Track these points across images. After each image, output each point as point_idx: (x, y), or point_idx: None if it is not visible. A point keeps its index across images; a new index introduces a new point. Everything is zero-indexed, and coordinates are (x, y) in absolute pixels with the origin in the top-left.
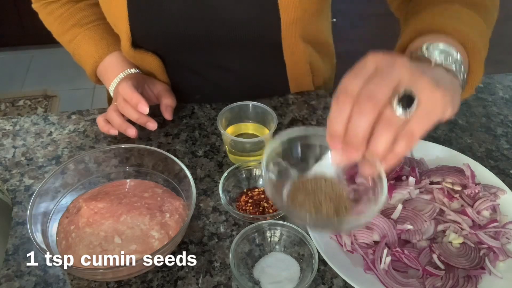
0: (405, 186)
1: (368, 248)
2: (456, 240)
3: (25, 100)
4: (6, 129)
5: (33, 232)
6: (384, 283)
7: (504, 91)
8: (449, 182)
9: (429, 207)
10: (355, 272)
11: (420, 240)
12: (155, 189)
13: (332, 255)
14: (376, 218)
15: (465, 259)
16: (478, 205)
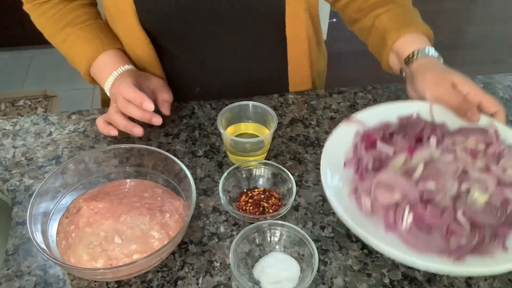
0: (426, 146)
1: (390, 209)
2: (481, 198)
3: (25, 100)
4: (6, 129)
5: (33, 232)
6: (406, 241)
7: (504, 91)
8: (472, 141)
9: (452, 166)
10: (376, 234)
11: (443, 199)
12: (155, 189)
13: (352, 218)
14: (396, 177)
15: (491, 217)
16: (504, 162)
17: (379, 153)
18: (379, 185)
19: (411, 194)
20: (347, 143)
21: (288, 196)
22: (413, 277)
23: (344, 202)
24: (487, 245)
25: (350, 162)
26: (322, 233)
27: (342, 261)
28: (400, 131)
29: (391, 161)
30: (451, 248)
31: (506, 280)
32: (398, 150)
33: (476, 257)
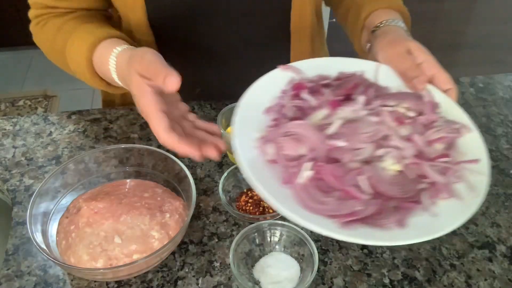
0: (352, 104)
1: (292, 161)
2: (392, 166)
3: (25, 100)
4: (6, 129)
5: (33, 232)
6: (298, 197)
7: (504, 91)
8: (404, 106)
9: (373, 128)
10: (272, 186)
11: (351, 161)
12: (155, 189)
13: (253, 165)
14: (307, 130)
15: (398, 189)
16: (431, 134)
17: (302, 103)
18: (287, 134)
19: (318, 149)
20: (276, 89)
21: None
22: (413, 277)
23: (248, 147)
24: (382, 218)
25: (271, 109)
26: None
27: (342, 261)
28: (334, 86)
29: (313, 114)
30: (342, 212)
31: (506, 280)
32: (322, 102)
33: (368, 228)
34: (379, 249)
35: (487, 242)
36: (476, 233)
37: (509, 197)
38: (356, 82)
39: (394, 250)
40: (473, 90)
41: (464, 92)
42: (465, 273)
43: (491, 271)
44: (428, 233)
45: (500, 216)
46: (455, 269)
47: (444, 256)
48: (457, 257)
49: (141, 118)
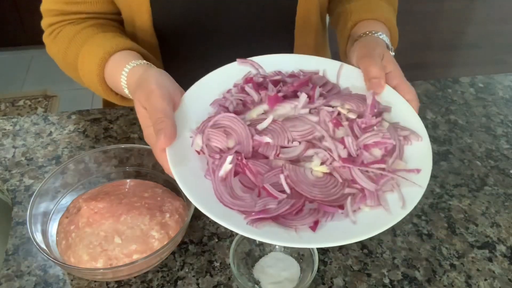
0: (292, 101)
1: (218, 153)
2: (318, 168)
3: (25, 100)
4: (6, 129)
5: (33, 232)
6: (216, 190)
7: (504, 91)
8: (346, 108)
9: (307, 127)
10: (193, 175)
11: (277, 158)
12: (155, 189)
13: (180, 157)
14: (235, 122)
15: (320, 191)
16: (365, 138)
17: (244, 96)
18: (216, 126)
19: (245, 143)
20: (228, 83)
21: None
22: (413, 277)
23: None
24: (296, 218)
25: (216, 102)
26: None
27: (342, 261)
28: (285, 82)
29: (251, 109)
30: (255, 209)
31: (506, 280)
32: (264, 98)
33: (276, 227)
34: (379, 249)
35: (487, 242)
36: (476, 233)
37: (509, 197)
38: (305, 80)
39: (394, 250)
40: (473, 90)
41: (464, 92)
42: (465, 273)
43: (491, 271)
44: (337, 239)
45: (500, 216)
46: (455, 269)
47: (444, 256)
48: (457, 257)
49: None
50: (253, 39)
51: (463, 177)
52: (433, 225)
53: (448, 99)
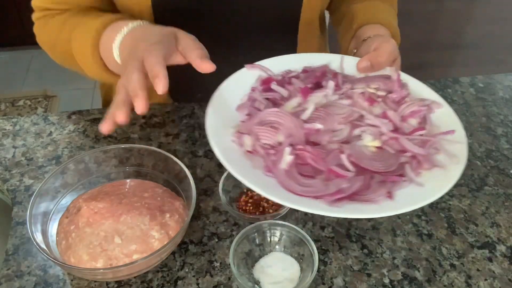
0: (321, 90)
1: (271, 149)
2: (371, 143)
3: (25, 100)
4: (6, 129)
5: (33, 232)
6: (283, 183)
7: (504, 91)
8: (373, 87)
9: (347, 110)
10: (255, 175)
11: (331, 142)
12: (155, 189)
13: (231, 158)
14: (282, 116)
15: (380, 163)
16: (403, 109)
17: (272, 94)
18: (262, 123)
19: (296, 134)
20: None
21: None
22: (413, 277)
23: (226, 142)
24: (370, 192)
25: (243, 106)
26: (322, 233)
27: (342, 261)
28: (302, 77)
29: (285, 104)
30: (328, 192)
31: (506, 280)
32: (292, 92)
33: (355, 204)
34: (379, 249)
35: (487, 242)
36: (476, 233)
37: (509, 197)
38: (323, 70)
39: (394, 250)
40: (473, 90)
41: (464, 92)
42: (465, 273)
43: (491, 271)
44: (416, 202)
45: (500, 216)
46: (455, 269)
47: (444, 256)
48: (457, 257)
49: (141, 118)
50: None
51: (463, 177)
52: (433, 225)
53: (448, 99)
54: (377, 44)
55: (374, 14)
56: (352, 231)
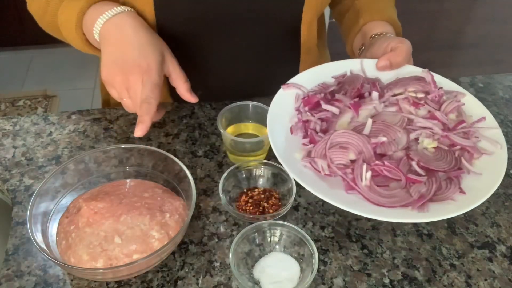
0: (369, 102)
1: (346, 168)
2: (430, 145)
3: (25, 100)
4: (6, 129)
5: (33, 232)
6: (369, 199)
7: (504, 91)
8: (411, 91)
9: (398, 117)
10: (337, 195)
11: (396, 151)
12: (155, 189)
13: (310, 182)
14: (349, 135)
15: (443, 162)
16: (445, 107)
17: (324, 114)
18: (332, 146)
19: (365, 150)
20: (289, 109)
21: (288, 196)
22: (413, 277)
23: (299, 168)
24: (445, 191)
25: (296, 127)
26: (322, 233)
27: (342, 261)
28: (340, 90)
29: (338, 120)
30: (414, 198)
31: (506, 280)
32: (342, 108)
33: (438, 204)
34: (379, 249)
35: (487, 242)
36: (476, 233)
37: (509, 197)
38: (360, 80)
39: (394, 250)
40: (473, 90)
41: None
42: (465, 273)
43: (491, 271)
44: (487, 190)
45: (500, 216)
46: (455, 269)
47: (444, 256)
48: (457, 257)
49: None
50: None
51: None
52: (433, 225)
53: None
54: (394, 44)
55: (380, 11)
56: (352, 231)
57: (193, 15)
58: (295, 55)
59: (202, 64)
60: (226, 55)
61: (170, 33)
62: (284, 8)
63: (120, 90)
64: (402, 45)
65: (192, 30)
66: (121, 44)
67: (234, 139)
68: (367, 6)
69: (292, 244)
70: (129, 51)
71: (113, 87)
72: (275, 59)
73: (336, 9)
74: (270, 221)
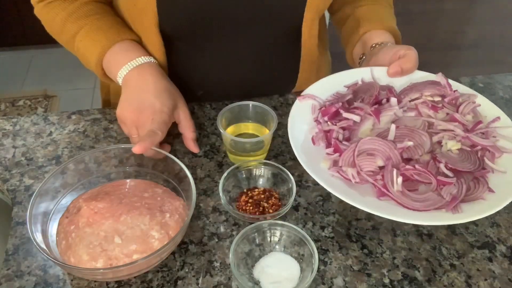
0: (389, 108)
1: (376, 175)
2: (455, 146)
3: (25, 100)
4: (6, 129)
5: (33, 232)
6: (403, 204)
7: (504, 91)
8: (427, 95)
9: (419, 122)
10: (370, 202)
11: (422, 155)
12: (155, 189)
13: (342, 191)
14: (375, 142)
15: (468, 163)
16: (463, 109)
17: (345, 122)
18: (359, 153)
19: (392, 156)
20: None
21: (288, 196)
22: (413, 277)
23: (326, 178)
24: (475, 191)
25: (317, 138)
26: (322, 233)
27: (342, 261)
28: (356, 98)
29: (360, 128)
30: (446, 200)
31: (506, 280)
32: (363, 116)
33: (469, 205)
34: (379, 249)
35: (487, 242)
36: (476, 233)
37: None
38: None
39: (394, 250)
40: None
41: None
42: (465, 273)
43: (491, 271)
44: None
45: (500, 216)
46: (455, 269)
47: (444, 256)
48: (457, 257)
49: None
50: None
51: None
52: (433, 225)
53: None
54: (403, 51)
55: (380, 20)
56: (352, 231)
57: (195, 15)
58: (296, 55)
59: (202, 64)
60: (227, 55)
61: (172, 33)
62: (286, 8)
63: (130, 127)
64: (411, 52)
65: (194, 30)
66: (140, 88)
67: (234, 139)
68: (367, 15)
69: (292, 244)
70: (146, 94)
71: (124, 124)
72: (276, 59)
73: (336, 16)
74: (270, 221)
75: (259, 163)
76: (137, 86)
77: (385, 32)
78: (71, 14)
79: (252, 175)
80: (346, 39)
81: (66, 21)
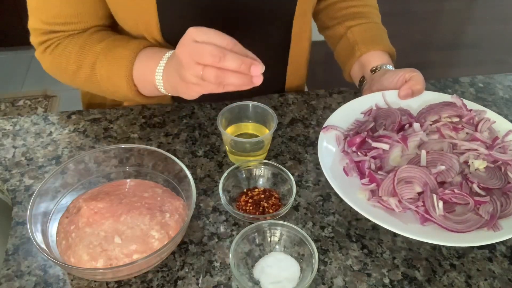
0: (414, 133)
1: (416, 202)
2: (482, 165)
3: (25, 100)
4: (6, 129)
5: (33, 232)
6: (447, 227)
7: (504, 91)
8: (445, 116)
9: (445, 144)
10: (416, 229)
11: (454, 177)
12: (155, 189)
13: (385, 221)
14: (411, 169)
15: (496, 179)
16: (481, 127)
17: (375, 151)
18: (398, 182)
19: (429, 181)
20: (333, 151)
21: (288, 196)
22: (413, 277)
23: (367, 208)
24: (507, 207)
25: (349, 168)
26: (322, 233)
27: (342, 261)
28: (378, 125)
29: (390, 156)
30: (486, 219)
31: (506, 280)
32: (391, 143)
33: (506, 220)
34: (379, 249)
35: None
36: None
37: None
38: (397, 114)
39: (394, 250)
40: (473, 90)
41: (464, 92)
42: (465, 273)
43: (491, 271)
44: None
45: None
46: (455, 269)
47: (444, 256)
48: (457, 257)
49: (141, 118)
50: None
51: None
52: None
53: None
54: (408, 74)
55: (375, 42)
56: (352, 231)
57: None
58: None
59: None
60: None
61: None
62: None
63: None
64: (416, 74)
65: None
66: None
67: (234, 139)
68: (361, 38)
69: (292, 244)
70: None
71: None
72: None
73: (327, 33)
74: (270, 221)
75: (259, 163)
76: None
77: (382, 53)
78: (83, 46)
79: (252, 175)
80: (342, 61)
81: (80, 55)
